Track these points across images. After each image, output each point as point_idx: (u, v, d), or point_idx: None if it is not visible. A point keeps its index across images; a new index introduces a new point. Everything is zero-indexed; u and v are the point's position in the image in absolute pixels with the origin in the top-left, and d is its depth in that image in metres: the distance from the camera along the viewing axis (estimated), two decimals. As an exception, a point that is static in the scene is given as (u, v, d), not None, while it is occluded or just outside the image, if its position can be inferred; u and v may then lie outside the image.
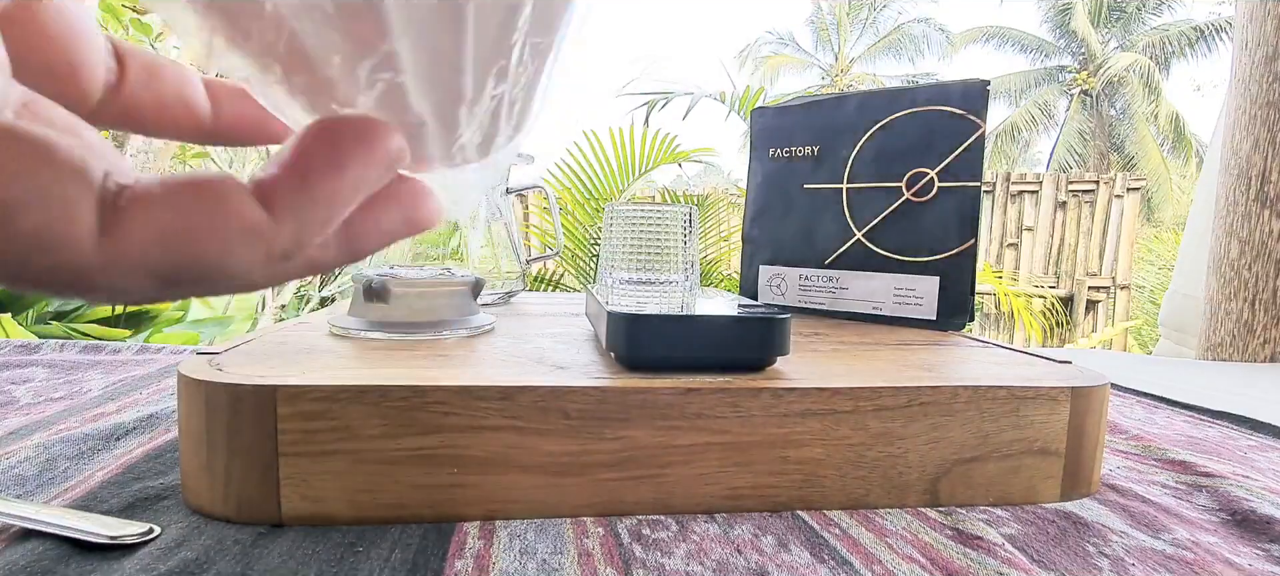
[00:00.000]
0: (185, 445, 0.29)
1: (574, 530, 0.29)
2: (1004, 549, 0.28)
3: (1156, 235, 7.18)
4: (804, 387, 0.31)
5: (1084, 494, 0.35)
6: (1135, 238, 4.56)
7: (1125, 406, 0.57)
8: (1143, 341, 4.50)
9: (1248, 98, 1.05)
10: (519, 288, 0.63)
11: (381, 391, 0.28)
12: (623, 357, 0.33)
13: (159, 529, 0.27)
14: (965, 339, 0.48)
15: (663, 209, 0.40)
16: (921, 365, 0.37)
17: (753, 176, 0.61)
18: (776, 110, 0.59)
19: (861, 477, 0.32)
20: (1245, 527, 0.32)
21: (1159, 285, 4.88)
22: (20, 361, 0.59)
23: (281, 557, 0.26)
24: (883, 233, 0.53)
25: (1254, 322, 1.04)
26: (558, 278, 2.62)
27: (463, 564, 0.26)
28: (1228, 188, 1.08)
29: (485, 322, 0.44)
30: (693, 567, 0.26)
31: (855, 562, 0.27)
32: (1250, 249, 1.04)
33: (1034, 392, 0.33)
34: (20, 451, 0.35)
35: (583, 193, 2.51)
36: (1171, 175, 10.30)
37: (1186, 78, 19.25)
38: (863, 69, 14.78)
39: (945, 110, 0.51)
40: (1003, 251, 4.54)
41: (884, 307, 0.53)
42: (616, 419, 0.30)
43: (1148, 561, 0.28)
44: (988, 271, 3.94)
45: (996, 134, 12.31)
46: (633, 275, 0.40)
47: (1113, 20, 12.25)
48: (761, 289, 0.60)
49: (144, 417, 0.41)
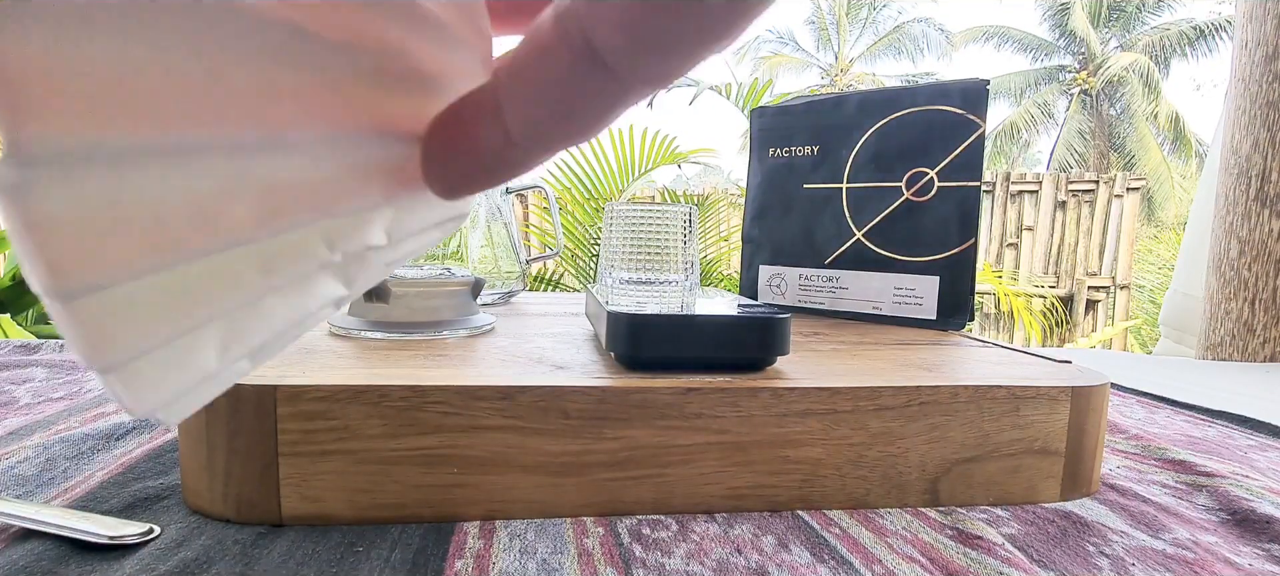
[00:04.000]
0: (185, 445, 0.29)
1: (574, 530, 0.29)
2: (1004, 548, 0.28)
3: (1156, 235, 7.18)
4: (804, 387, 0.31)
5: (1084, 493, 0.35)
6: (1135, 237, 4.56)
7: (1125, 406, 0.57)
8: (1143, 341, 4.50)
9: (1248, 97, 1.05)
10: (519, 288, 0.63)
11: (381, 391, 0.28)
12: (623, 358, 0.33)
13: (159, 529, 0.27)
14: (965, 339, 0.48)
15: (663, 209, 0.40)
16: (921, 365, 0.37)
17: (753, 176, 0.61)
18: (776, 110, 0.59)
19: (861, 477, 0.32)
20: (1245, 527, 0.32)
21: (1159, 285, 4.88)
22: (20, 361, 0.59)
23: (281, 557, 0.26)
24: (882, 232, 0.53)
25: (1254, 322, 1.04)
26: (558, 278, 2.62)
27: (463, 564, 0.26)
28: (1228, 187, 1.08)
29: (485, 322, 0.44)
30: (693, 567, 0.26)
31: (855, 562, 0.27)
32: (1250, 249, 1.04)
33: (1034, 392, 0.33)
34: (20, 451, 0.35)
35: (583, 192, 2.52)
36: (1172, 175, 10.30)
37: (1186, 77, 19.26)
38: (863, 69, 14.79)
39: (945, 110, 0.51)
40: (1003, 251, 4.54)
41: (884, 307, 0.53)
42: (616, 419, 0.30)
43: (1148, 561, 0.28)
44: (988, 271, 3.94)
45: (996, 134, 12.31)
46: (633, 275, 0.40)
47: (1113, 19, 12.25)
48: (761, 289, 0.60)
49: (144, 418, 0.41)
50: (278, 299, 0.14)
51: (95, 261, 0.10)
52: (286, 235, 0.13)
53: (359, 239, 0.15)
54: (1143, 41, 11.79)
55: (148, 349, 0.12)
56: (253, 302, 0.13)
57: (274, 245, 0.13)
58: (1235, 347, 1.06)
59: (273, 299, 0.14)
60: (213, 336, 0.13)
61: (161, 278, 0.11)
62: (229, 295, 0.13)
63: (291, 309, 0.14)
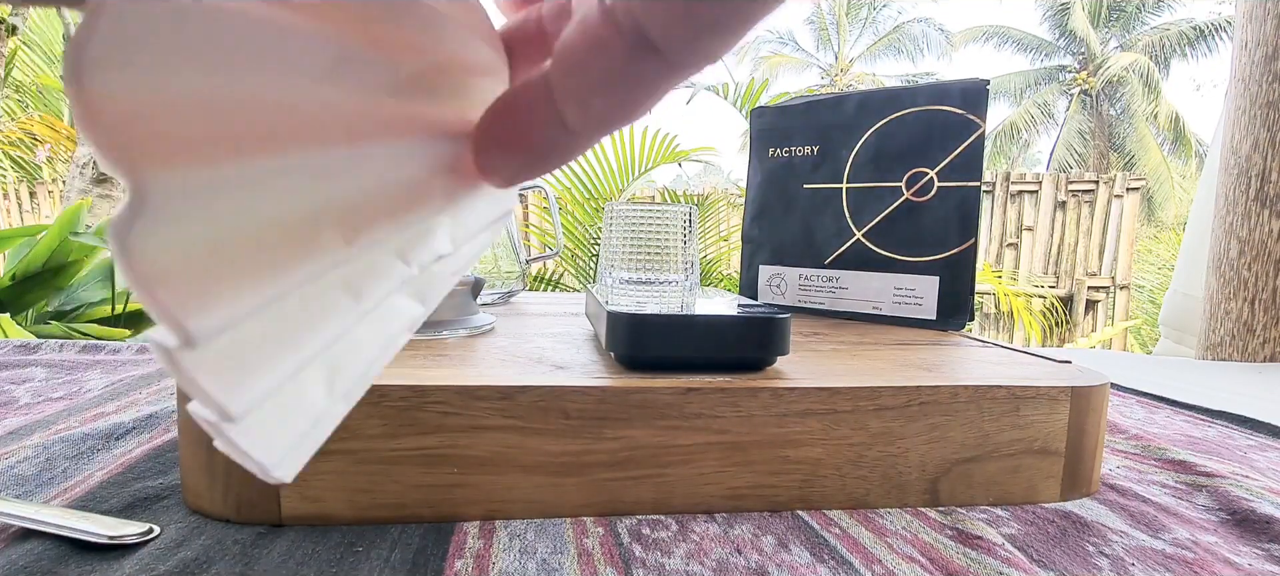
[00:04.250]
0: (185, 445, 0.29)
1: (574, 530, 0.29)
2: (1004, 548, 0.28)
3: (1156, 235, 7.18)
4: (804, 387, 0.31)
5: (1084, 493, 0.35)
6: (1135, 237, 4.55)
7: (1125, 406, 0.57)
8: (1143, 341, 4.50)
9: (1248, 97, 1.05)
10: (519, 287, 0.63)
11: (381, 391, 0.28)
12: (622, 358, 0.33)
13: (158, 529, 0.27)
14: (965, 339, 0.48)
15: (663, 209, 0.40)
16: (921, 365, 0.37)
17: (753, 176, 0.61)
18: (776, 110, 0.59)
19: (861, 477, 0.32)
20: (1245, 527, 0.32)
21: (1159, 285, 4.88)
22: (20, 361, 0.59)
23: (281, 557, 0.26)
24: (882, 232, 0.53)
25: (1254, 322, 1.04)
26: (558, 278, 2.62)
27: (463, 564, 0.26)
28: (1228, 187, 1.08)
29: (485, 322, 0.44)
30: (693, 567, 0.26)
31: (855, 562, 0.27)
32: (1250, 249, 1.04)
33: (1034, 392, 0.33)
34: (20, 451, 0.35)
35: (583, 192, 2.51)
36: (1172, 175, 10.30)
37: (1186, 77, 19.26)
38: (863, 69, 14.78)
39: (945, 110, 0.51)
40: (1002, 251, 4.53)
41: (884, 307, 0.53)
42: (616, 419, 0.30)
43: (1148, 561, 0.28)
44: (988, 271, 3.94)
45: (996, 134, 12.31)
46: (633, 275, 0.40)
47: (1113, 20, 12.25)
48: (761, 289, 0.60)
49: (143, 417, 0.41)
50: (367, 327, 0.14)
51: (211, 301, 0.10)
52: (368, 254, 0.13)
53: (428, 248, 0.15)
54: (1143, 42, 11.79)
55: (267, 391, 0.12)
56: (347, 331, 0.14)
57: (359, 266, 0.13)
58: (1235, 348, 1.06)
59: (363, 327, 0.14)
60: (318, 373, 0.13)
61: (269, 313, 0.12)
62: (327, 325, 0.13)
63: (378, 336, 0.15)
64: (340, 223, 0.13)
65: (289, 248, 0.12)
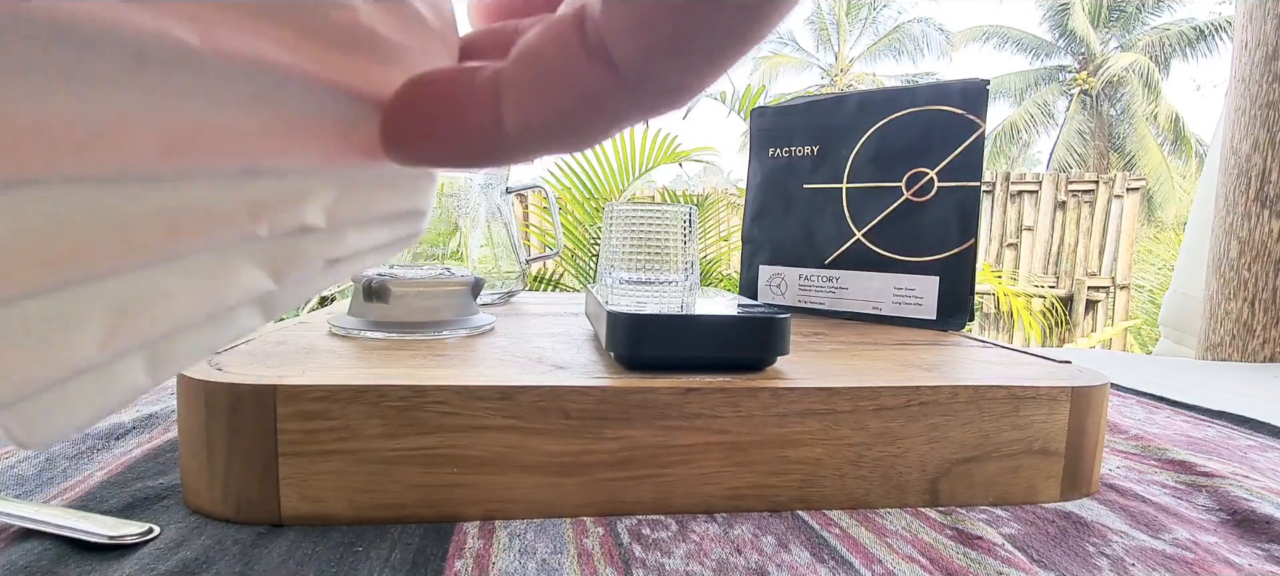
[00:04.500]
0: (185, 445, 0.29)
1: (574, 530, 0.29)
2: (1004, 549, 0.28)
3: (1156, 235, 7.19)
4: (804, 387, 0.31)
5: (1084, 494, 0.35)
6: (1135, 238, 4.56)
7: (1125, 406, 0.57)
8: (1143, 341, 4.50)
9: (1248, 97, 1.05)
10: (519, 287, 0.63)
11: (381, 391, 0.28)
12: (622, 357, 0.33)
13: (158, 529, 0.27)
14: (965, 339, 0.48)
15: (663, 209, 0.40)
16: (921, 365, 0.37)
17: (753, 176, 0.61)
18: (776, 110, 0.59)
19: (861, 477, 0.32)
20: (1245, 527, 0.32)
21: (1159, 285, 4.87)
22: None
23: (281, 557, 0.26)
24: (882, 232, 0.53)
25: (1254, 323, 1.04)
26: (558, 277, 2.62)
27: (463, 564, 0.26)
28: (1228, 188, 1.08)
29: (485, 322, 0.44)
30: (693, 567, 0.26)
31: (855, 562, 0.27)
32: (1250, 249, 1.04)
33: (1034, 392, 0.33)
34: (20, 451, 0.35)
35: (583, 192, 2.52)
36: (1172, 175, 10.30)
37: (1186, 77, 19.27)
38: (863, 69, 14.78)
39: (945, 110, 0.51)
40: (1002, 251, 4.54)
41: (884, 307, 0.53)
42: (616, 419, 0.30)
43: (1148, 561, 0.28)
44: (987, 271, 3.94)
45: (996, 134, 12.31)
46: (633, 275, 0.40)
47: (1113, 20, 12.25)
48: (761, 289, 0.60)
49: (143, 417, 0.41)
50: (183, 277, 0.11)
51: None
52: (198, 185, 0.11)
53: (290, 215, 0.13)
54: (1143, 42, 11.79)
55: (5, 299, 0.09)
56: (149, 269, 0.11)
57: (182, 195, 0.10)
58: (1235, 348, 1.06)
59: (176, 275, 0.11)
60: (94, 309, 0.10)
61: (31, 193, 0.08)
62: (118, 249, 0.10)
63: (200, 294, 0.12)
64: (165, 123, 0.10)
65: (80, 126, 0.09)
